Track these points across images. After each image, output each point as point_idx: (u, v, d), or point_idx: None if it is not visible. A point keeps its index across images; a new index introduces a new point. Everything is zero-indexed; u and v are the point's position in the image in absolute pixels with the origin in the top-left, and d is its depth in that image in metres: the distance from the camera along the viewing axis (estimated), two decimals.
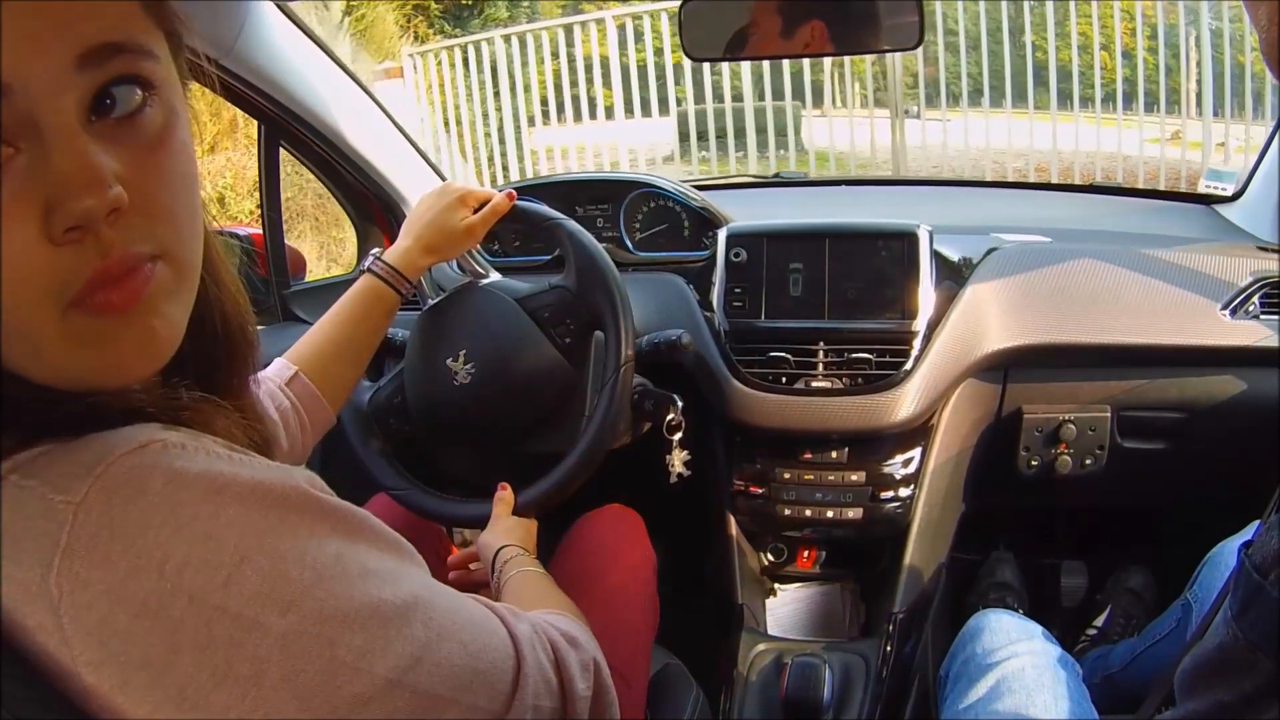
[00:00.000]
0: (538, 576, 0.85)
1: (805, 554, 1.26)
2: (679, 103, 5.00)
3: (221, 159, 4.27)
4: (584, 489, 1.01)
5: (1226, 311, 1.14)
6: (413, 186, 1.43)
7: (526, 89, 4.99)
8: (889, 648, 1.10)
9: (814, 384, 1.13)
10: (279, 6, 1.11)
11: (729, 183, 1.93)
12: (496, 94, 4.87)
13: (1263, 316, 1.13)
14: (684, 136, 4.93)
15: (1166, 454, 1.23)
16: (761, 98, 4.82)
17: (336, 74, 1.26)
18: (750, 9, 1.07)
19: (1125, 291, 1.16)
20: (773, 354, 1.14)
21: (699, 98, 4.90)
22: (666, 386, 1.09)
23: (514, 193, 0.99)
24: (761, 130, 4.79)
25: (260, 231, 1.30)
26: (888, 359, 1.12)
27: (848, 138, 4.80)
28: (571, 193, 1.43)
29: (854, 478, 1.16)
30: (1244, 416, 1.17)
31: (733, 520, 1.23)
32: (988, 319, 1.15)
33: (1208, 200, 1.48)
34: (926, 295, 1.13)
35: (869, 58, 4.80)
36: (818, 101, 4.84)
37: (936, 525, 1.21)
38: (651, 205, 1.40)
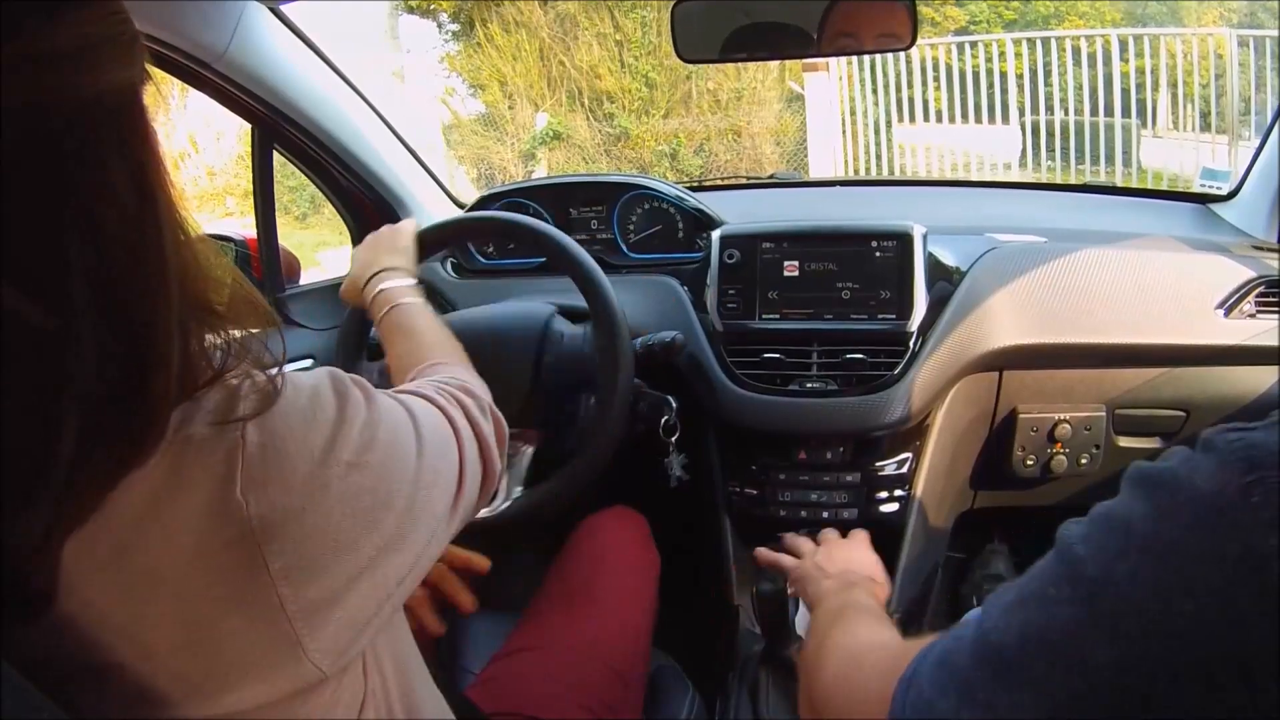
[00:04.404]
0: (417, 309, 0.87)
1: None
2: (1021, 112, 5.11)
3: (674, 122, 5.95)
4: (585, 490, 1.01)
5: (1222, 310, 1.14)
6: (408, 188, 1.43)
7: (899, 88, 5.36)
8: None
9: (808, 385, 1.13)
10: (271, 10, 1.11)
11: (723, 184, 1.93)
12: (874, 91, 5.51)
13: (1258, 315, 1.13)
14: (1026, 147, 5.08)
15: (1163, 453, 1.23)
16: (1095, 113, 4.82)
17: (330, 77, 1.26)
18: (742, 10, 1.07)
19: (1121, 291, 1.16)
20: (767, 355, 1.14)
21: (1034, 108, 4.98)
22: (661, 388, 1.08)
23: None
24: (1108, 142, 4.78)
25: (254, 235, 1.30)
26: (882, 359, 1.12)
27: (1179, 159, 4.71)
28: (566, 195, 1.43)
29: (849, 478, 1.16)
30: (1240, 415, 1.17)
31: (728, 521, 1.22)
32: (983, 319, 1.15)
33: (1203, 199, 1.48)
34: (921, 295, 1.13)
35: (1198, 79, 4.74)
36: (1151, 120, 4.83)
37: (932, 525, 1.21)
38: (646, 207, 1.40)
